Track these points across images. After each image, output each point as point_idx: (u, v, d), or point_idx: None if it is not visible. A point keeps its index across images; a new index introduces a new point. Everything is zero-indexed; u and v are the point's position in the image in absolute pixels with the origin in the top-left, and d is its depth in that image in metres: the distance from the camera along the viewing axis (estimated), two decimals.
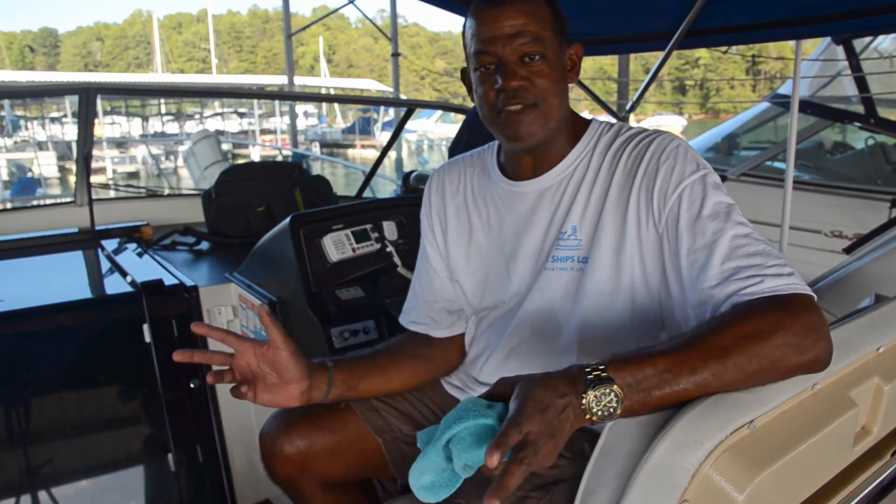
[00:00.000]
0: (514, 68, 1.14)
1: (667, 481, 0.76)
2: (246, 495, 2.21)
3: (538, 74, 1.14)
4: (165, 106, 30.38)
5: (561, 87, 1.18)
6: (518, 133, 1.17)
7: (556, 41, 1.16)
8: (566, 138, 1.24)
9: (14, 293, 2.01)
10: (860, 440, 0.98)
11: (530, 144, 1.19)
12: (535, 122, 1.16)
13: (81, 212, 2.88)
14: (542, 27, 1.14)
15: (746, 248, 0.99)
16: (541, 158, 1.24)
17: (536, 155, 1.24)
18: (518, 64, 1.14)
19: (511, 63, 1.14)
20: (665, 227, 1.10)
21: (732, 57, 38.91)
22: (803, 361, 0.87)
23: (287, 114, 20.01)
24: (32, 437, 1.89)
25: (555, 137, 1.22)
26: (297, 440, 1.36)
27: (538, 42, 1.13)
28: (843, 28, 3.50)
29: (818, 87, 5.40)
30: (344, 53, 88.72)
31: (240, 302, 2.18)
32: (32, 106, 24.01)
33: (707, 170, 1.11)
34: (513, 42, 1.13)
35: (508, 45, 1.13)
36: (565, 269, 1.20)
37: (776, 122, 5.87)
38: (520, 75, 1.14)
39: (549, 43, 1.15)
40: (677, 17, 2.83)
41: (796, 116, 2.98)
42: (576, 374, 0.84)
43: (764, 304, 0.91)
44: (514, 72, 1.14)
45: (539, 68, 1.14)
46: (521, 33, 1.13)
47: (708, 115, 48.11)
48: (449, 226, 1.38)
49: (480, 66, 1.17)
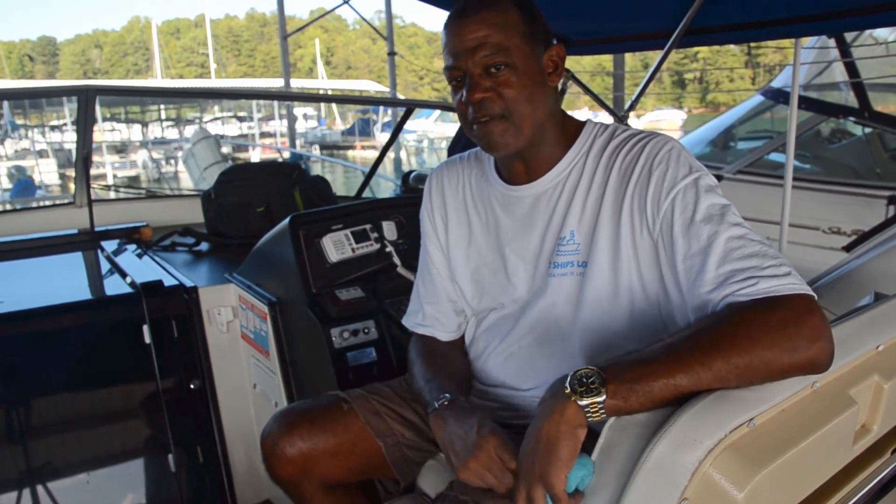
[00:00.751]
0: (478, 80, 1.14)
1: (666, 480, 0.76)
2: (246, 495, 2.21)
3: (504, 84, 1.13)
4: (165, 111, 30.35)
5: (535, 93, 1.16)
6: (490, 144, 1.18)
7: (526, 47, 1.15)
8: (557, 142, 1.23)
9: (14, 294, 2.02)
10: (860, 438, 0.98)
11: (508, 153, 1.19)
12: (505, 133, 1.15)
13: (81, 213, 2.88)
14: (506, 36, 1.13)
15: (742, 249, 0.99)
16: (532, 163, 1.24)
17: (527, 160, 1.24)
18: (483, 76, 1.14)
19: (475, 76, 1.14)
20: (660, 233, 1.09)
21: (731, 50, 38.85)
22: (797, 363, 0.86)
23: (286, 117, 20.02)
24: (33, 437, 1.89)
25: (540, 142, 1.21)
26: (298, 442, 1.36)
27: (501, 52, 1.13)
28: (842, 26, 3.50)
29: (813, 75, 5.40)
30: (342, 55, 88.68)
31: (239, 302, 2.18)
32: (32, 114, 24.02)
33: (700, 172, 1.10)
34: (475, 55, 1.13)
35: (471, 58, 1.13)
36: (566, 274, 1.20)
37: (772, 113, 5.86)
38: (483, 87, 1.14)
39: (517, 50, 1.14)
40: (676, 15, 2.83)
41: (795, 115, 2.97)
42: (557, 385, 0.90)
43: (757, 305, 0.91)
44: (478, 84, 1.14)
45: (504, 78, 1.13)
46: (482, 45, 1.12)
47: (708, 108, 48.08)
48: (450, 225, 1.38)
49: (451, 80, 1.18)
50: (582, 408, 0.85)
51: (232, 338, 2.22)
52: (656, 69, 3.38)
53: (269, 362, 2.03)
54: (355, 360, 1.82)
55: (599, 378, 0.85)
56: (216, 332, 2.17)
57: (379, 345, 1.87)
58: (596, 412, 0.85)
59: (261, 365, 2.10)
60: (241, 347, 2.23)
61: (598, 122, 1.27)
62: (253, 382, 2.20)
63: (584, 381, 0.86)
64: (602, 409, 0.84)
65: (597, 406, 0.84)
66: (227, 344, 2.21)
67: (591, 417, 0.85)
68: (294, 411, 1.43)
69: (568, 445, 0.85)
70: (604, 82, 20.32)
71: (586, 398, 0.85)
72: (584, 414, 0.85)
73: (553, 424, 0.86)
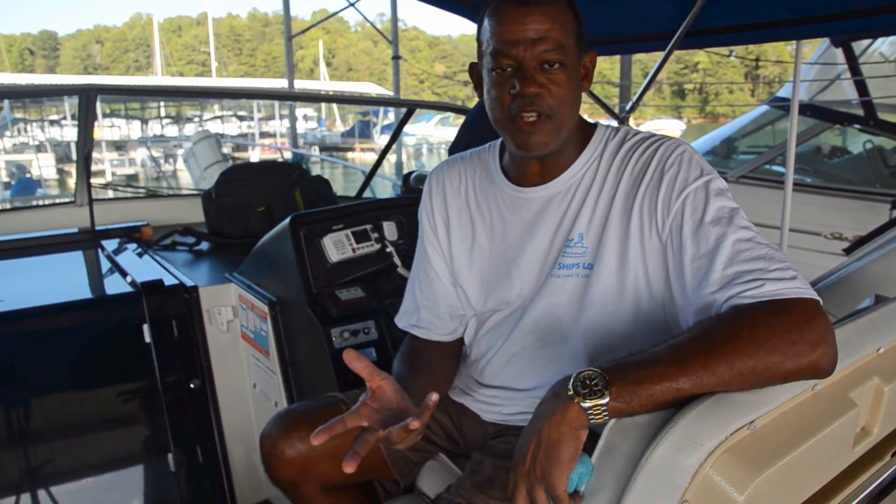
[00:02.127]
0: (534, 74, 1.10)
1: (667, 482, 0.76)
2: (246, 496, 2.21)
3: (556, 83, 1.11)
4: (165, 109, 30.37)
5: (576, 96, 1.16)
6: (529, 143, 1.15)
7: (576, 49, 1.14)
8: (574, 145, 1.23)
9: (14, 293, 2.01)
10: (860, 441, 0.98)
11: (540, 154, 1.18)
12: (548, 134, 1.14)
13: (81, 212, 2.88)
14: (565, 34, 1.11)
15: (749, 252, 0.99)
16: (549, 165, 1.23)
17: (545, 162, 1.23)
18: (537, 70, 1.10)
19: (531, 69, 1.10)
20: (669, 234, 1.09)
21: (731, 61, 38.84)
22: (801, 367, 0.86)
23: (287, 117, 20.02)
24: (33, 437, 1.89)
25: (565, 146, 1.21)
26: (297, 443, 1.35)
27: (560, 50, 1.10)
28: (844, 28, 3.50)
29: (817, 90, 5.39)
30: (343, 57, 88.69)
31: (240, 302, 2.18)
32: (31, 108, 23.99)
33: (711, 175, 1.10)
34: (535, 47, 1.09)
35: (530, 49, 1.09)
36: (570, 275, 1.20)
37: (774, 126, 5.86)
38: (538, 82, 1.10)
39: (571, 51, 1.12)
40: (677, 17, 2.83)
41: (796, 117, 2.97)
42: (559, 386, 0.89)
43: (762, 308, 0.91)
44: (534, 78, 1.10)
45: (558, 77, 1.11)
46: (545, 39, 1.09)
47: (707, 119, 48.10)
48: (452, 227, 1.36)
49: (497, 68, 1.13)
50: (585, 409, 0.84)
51: (232, 337, 2.22)
52: (657, 71, 3.38)
53: (269, 362, 2.03)
54: None
55: (603, 380, 0.85)
56: (216, 331, 2.17)
57: (379, 345, 1.87)
58: (598, 414, 0.84)
59: (261, 365, 2.10)
60: (241, 347, 2.23)
61: (607, 125, 1.27)
62: (253, 382, 2.20)
63: (587, 382, 0.85)
64: (605, 411, 0.84)
65: (600, 408, 0.84)
66: (228, 344, 2.21)
67: (593, 420, 0.85)
68: (293, 413, 1.43)
69: (570, 447, 0.85)
70: (604, 90, 20.32)
71: (589, 400, 0.84)
72: (587, 416, 0.85)
73: (555, 425, 0.86)
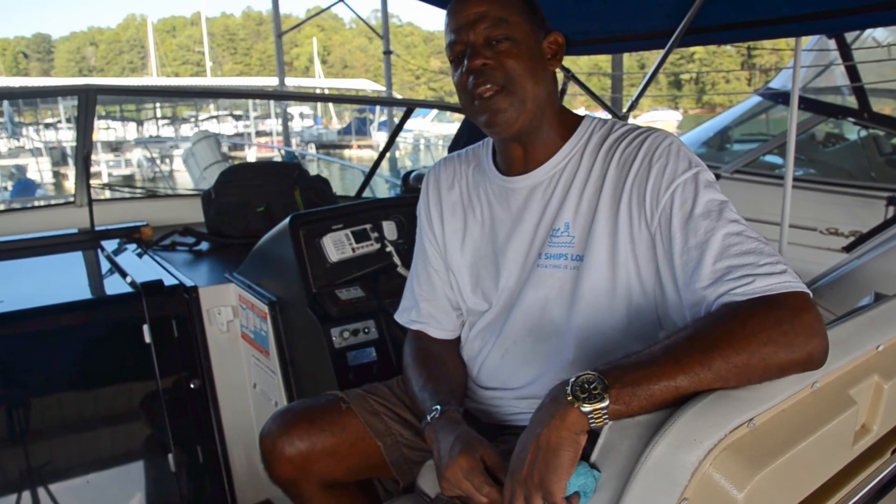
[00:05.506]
0: (480, 49, 1.17)
1: (666, 480, 0.76)
2: (246, 495, 2.21)
3: (505, 55, 1.16)
4: (161, 110, 30.31)
5: (536, 68, 1.19)
6: (495, 119, 1.18)
7: (526, 25, 1.18)
8: (556, 132, 1.24)
9: (14, 294, 2.02)
10: (860, 438, 0.98)
11: (512, 131, 1.19)
12: (509, 106, 1.16)
13: (81, 212, 2.88)
14: (507, 12, 1.17)
15: (739, 246, 0.99)
16: (531, 151, 1.24)
17: (526, 147, 1.24)
18: (484, 46, 1.17)
19: (477, 45, 1.17)
20: (658, 227, 1.10)
21: (727, 51, 38.75)
22: (795, 359, 0.87)
23: (282, 116, 19.98)
24: (33, 437, 1.89)
25: (540, 126, 1.22)
26: (297, 442, 1.36)
27: (503, 24, 1.16)
28: (843, 25, 3.50)
29: (812, 76, 5.39)
30: (339, 54, 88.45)
31: (240, 302, 2.18)
32: (27, 112, 23.94)
33: (699, 167, 1.11)
34: (476, 27, 1.17)
35: (472, 29, 1.17)
36: (558, 266, 1.20)
37: (768, 115, 5.86)
38: (484, 55, 1.16)
39: (517, 26, 1.17)
40: (677, 15, 2.83)
41: (796, 115, 2.97)
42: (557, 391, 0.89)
43: (753, 304, 0.92)
44: (480, 52, 1.17)
45: (506, 48, 1.16)
46: (483, 18, 1.16)
47: (704, 109, 48.05)
48: (445, 221, 1.38)
49: (453, 57, 1.21)
50: (585, 414, 0.84)
51: (232, 337, 2.22)
52: (657, 69, 3.37)
53: (269, 362, 2.03)
54: (355, 360, 1.82)
55: (601, 383, 0.85)
56: (216, 331, 2.17)
57: (379, 345, 1.88)
58: (599, 418, 0.84)
59: (261, 365, 2.10)
60: (241, 347, 2.23)
61: (596, 118, 1.27)
62: (253, 382, 2.20)
63: (585, 386, 0.85)
64: (605, 414, 0.84)
65: (600, 412, 0.84)
66: (227, 344, 2.21)
67: (593, 423, 0.85)
68: (292, 411, 1.43)
69: (569, 452, 0.85)
70: (600, 82, 20.31)
71: (589, 404, 0.84)
72: (587, 420, 0.85)
73: (554, 430, 0.86)
